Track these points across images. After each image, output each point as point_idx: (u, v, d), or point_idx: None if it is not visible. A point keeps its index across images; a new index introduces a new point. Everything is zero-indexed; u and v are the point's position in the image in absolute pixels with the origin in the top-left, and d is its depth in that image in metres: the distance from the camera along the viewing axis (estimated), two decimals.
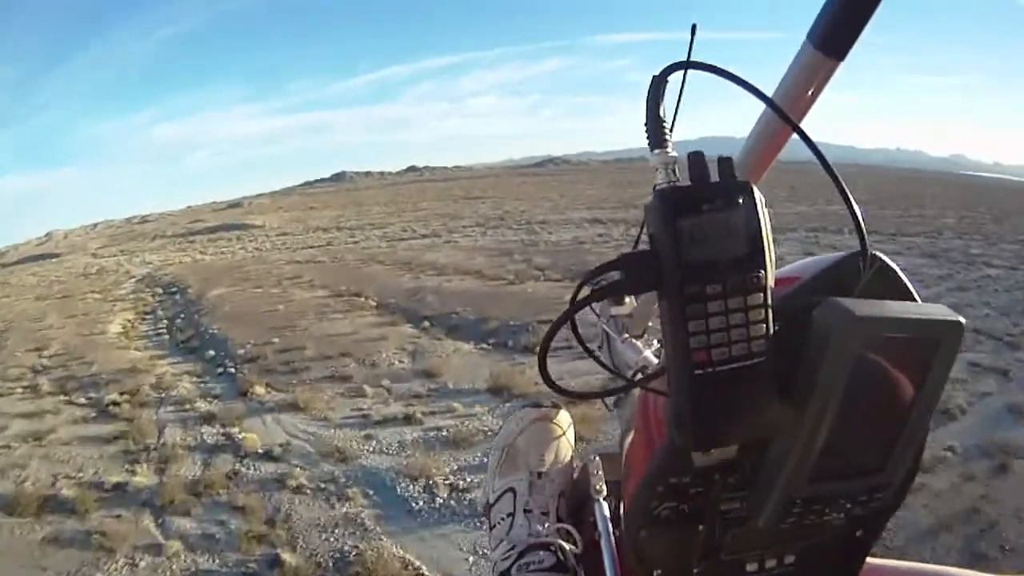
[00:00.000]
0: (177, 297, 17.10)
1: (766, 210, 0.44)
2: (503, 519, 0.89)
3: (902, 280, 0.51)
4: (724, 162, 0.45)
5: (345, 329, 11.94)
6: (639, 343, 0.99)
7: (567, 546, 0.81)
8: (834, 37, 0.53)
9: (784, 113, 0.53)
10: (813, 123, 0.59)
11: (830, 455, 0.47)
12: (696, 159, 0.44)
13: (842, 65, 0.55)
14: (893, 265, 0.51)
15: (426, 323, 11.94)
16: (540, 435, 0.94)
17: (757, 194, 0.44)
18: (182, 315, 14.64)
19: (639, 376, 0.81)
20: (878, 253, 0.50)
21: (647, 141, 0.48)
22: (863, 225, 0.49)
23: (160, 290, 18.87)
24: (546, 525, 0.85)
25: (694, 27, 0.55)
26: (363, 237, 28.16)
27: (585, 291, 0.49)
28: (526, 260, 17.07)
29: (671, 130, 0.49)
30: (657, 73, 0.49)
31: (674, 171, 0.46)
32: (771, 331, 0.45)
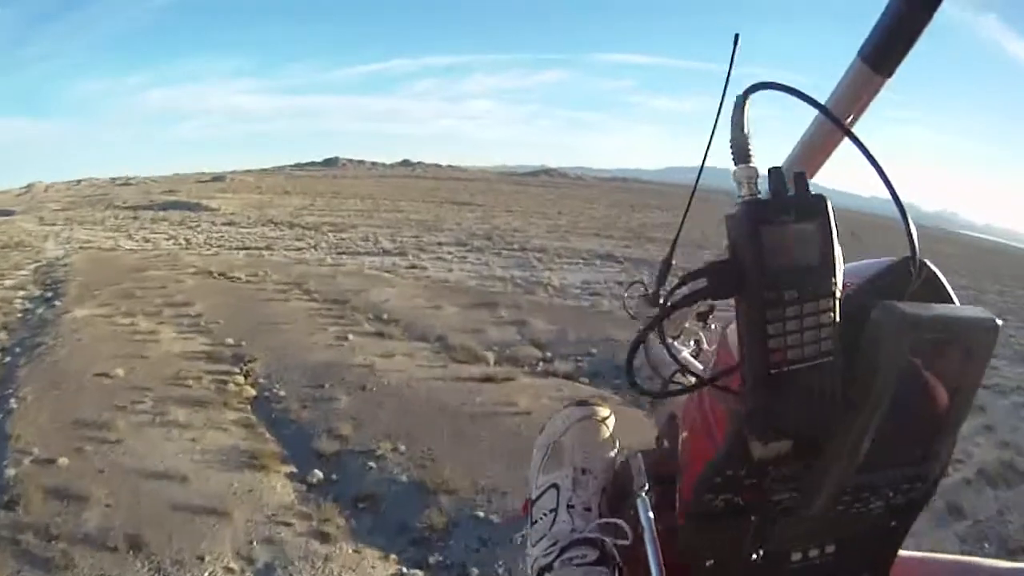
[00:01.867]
0: (40, 311, 12.44)
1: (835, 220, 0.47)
2: (545, 515, 0.87)
3: (945, 286, 0.53)
4: (799, 177, 0.47)
5: (171, 466, 6.20)
6: (676, 344, 1.00)
7: (617, 541, 0.78)
8: (884, 55, 0.57)
9: (847, 129, 0.56)
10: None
11: (878, 445, 0.49)
12: (775, 174, 0.47)
13: (889, 81, 0.60)
14: (938, 271, 0.53)
15: (318, 473, 6.18)
16: (586, 433, 0.93)
17: (830, 206, 0.47)
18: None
19: (679, 375, 0.83)
20: (925, 260, 0.52)
21: (731, 156, 0.50)
22: (914, 233, 0.51)
23: (37, 292, 14.56)
24: (589, 521, 0.83)
25: (736, 36, 0.55)
26: (312, 243, 22.20)
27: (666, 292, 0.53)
28: (518, 324, 11.33)
29: (708, 146, 0.54)
30: (740, 93, 0.51)
31: (755, 184, 0.48)
32: (838, 332, 0.48)
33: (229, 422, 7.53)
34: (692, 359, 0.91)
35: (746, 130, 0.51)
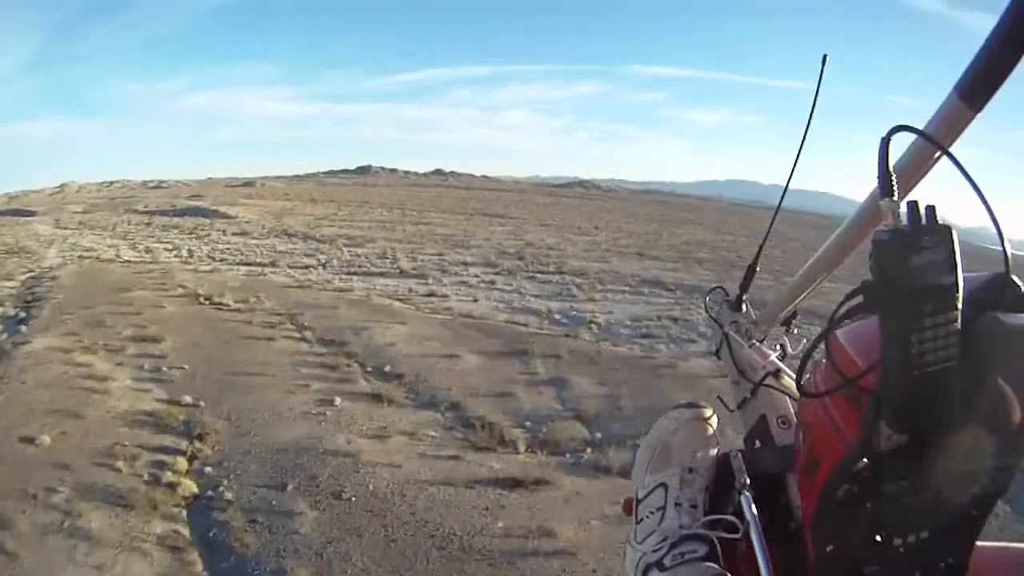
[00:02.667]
0: (2, 338, 10.74)
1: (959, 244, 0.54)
2: (652, 512, 0.91)
3: None
4: (930, 209, 0.55)
5: None
6: (763, 347, 1.09)
7: (726, 535, 0.82)
8: (978, 91, 0.61)
9: (961, 166, 0.61)
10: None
11: (979, 440, 0.57)
12: (913, 207, 0.55)
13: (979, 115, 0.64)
14: (1021, 284, 0.59)
15: None
16: (694, 433, 0.96)
17: (955, 234, 0.54)
18: None
19: (762, 376, 1.02)
20: (1013, 277, 0.59)
21: (879, 190, 0.59)
22: (1009, 252, 0.59)
23: (11, 311, 13.01)
24: (696, 518, 0.87)
25: (824, 57, 0.65)
26: (322, 259, 19.93)
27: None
28: (557, 384, 8.66)
29: (795, 164, 0.68)
30: (884, 135, 0.60)
31: (897, 215, 0.57)
32: (960, 340, 0.55)
33: (153, 540, 5.27)
34: (779, 362, 1.03)
35: (890, 167, 0.59)
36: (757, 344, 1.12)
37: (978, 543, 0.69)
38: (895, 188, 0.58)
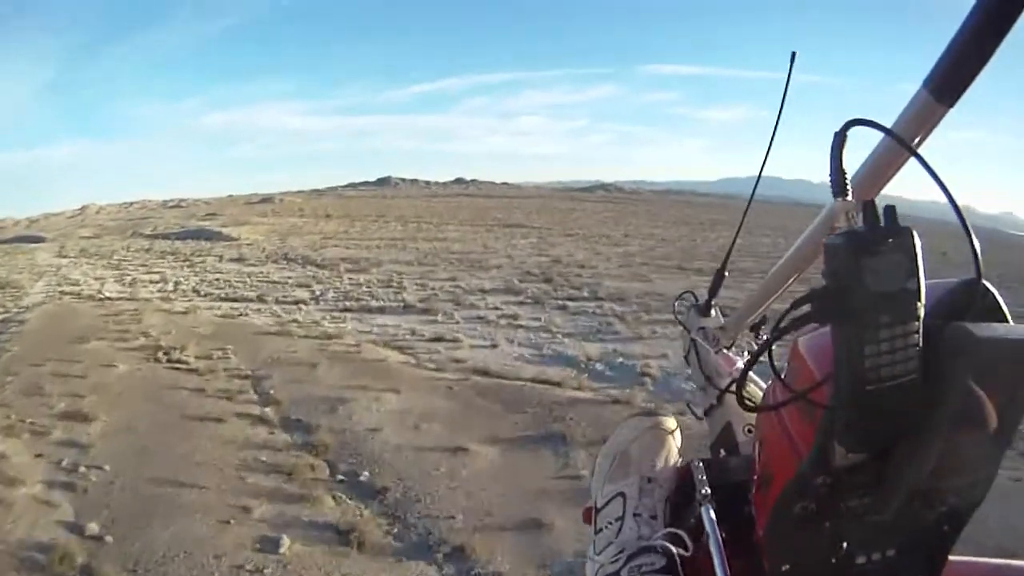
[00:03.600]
0: None
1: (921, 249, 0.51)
2: (611, 523, 0.89)
3: (1003, 307, 0.56)
4: (889, 210, 0.51)
5: None
6: (730, 354, 1.07)
7: (676, 550, 0.80)
8: (948, 86, 0.58)
9: (926, 164, 0.59)
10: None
11: (945, 456, 0.53)
12: (870, 207, 0.51)
13: (951, 111, 0.60)
14: (995, 292, 0.56)
15: None
16: (653, 442, 0.95)
17: (916, 237, 0.50)
18: None
19: (727, 383, 0.94)
20: (985, 283, 0.55)
21: (831, 189, 0.56)
22: (980, 257, 0.55)
23: None
24: (655, 529, 0.86)
25: (793, 55, 0.60)
26: (318, 291, 17.23)
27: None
28: None
29: (766, 158, 0.64)
30: (838, 129, 0.57)
31: (853, 217, 0.53)
32: (921, 353, 0.51)
33: None
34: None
35: (844, 165, 0.56)
36: (724, 351, 1.08)
37: (951, 557, 0.66)
38: (849, 187, 0.56)
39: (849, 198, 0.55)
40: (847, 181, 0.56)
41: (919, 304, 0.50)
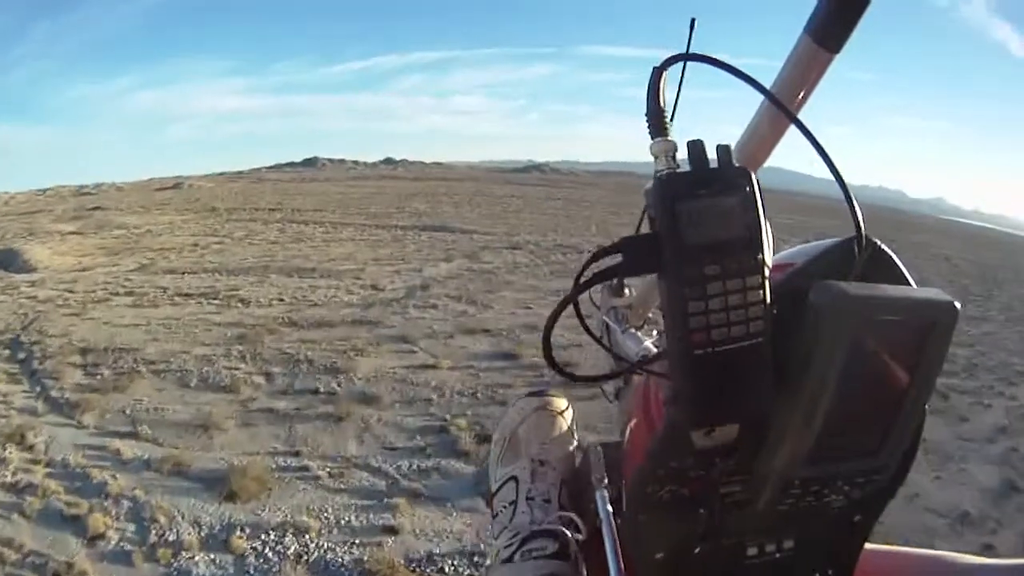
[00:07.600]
0: None
1: (762, 196, 0.44)
2: (505, 507, 0.85)
3: (897, 265, 0.50)
4: (722, 149, 0.44)
5: None
6: (639, 334, 0.95)
7: (569, 533, 0.77)
8: (830, 30, 0.53)
9: (783, 105, 0.53)
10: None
11: (827, 436, 0.46)
12: (695, 146, 0.44)
13: (837, 58, 0.55)
14: (888, 250, 0.50)
15: None
16: (542, 424, 0.91)
17: (755, 180, 0.44)
18: None
19: (631, 364, 0.78)
20: (873, 239, 0.49)
21: (648, 130, 0.48)
22: (859, 211, 0.48)
23: None
24: (548, 512, 0.82)
25: (693, 21, 0.53)
26: (93, 408, 8.40)
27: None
28: None
29: (671, 120, 0.49)
30: (658, 64, 0.49)
31: (674, 158, 0.46)
32: (769, 312, 0.44)
33: None
34: (655, 348, 0.80)
35: (663, 102, 0.48)
36: (632, 331, 0.96)
37: (868, 546, 0.62)
38: (667, 126, 0.48)
39: (669, 138, 0.47)
40: (665, 117, 0.48)
41: (759, 256, 0.43)
